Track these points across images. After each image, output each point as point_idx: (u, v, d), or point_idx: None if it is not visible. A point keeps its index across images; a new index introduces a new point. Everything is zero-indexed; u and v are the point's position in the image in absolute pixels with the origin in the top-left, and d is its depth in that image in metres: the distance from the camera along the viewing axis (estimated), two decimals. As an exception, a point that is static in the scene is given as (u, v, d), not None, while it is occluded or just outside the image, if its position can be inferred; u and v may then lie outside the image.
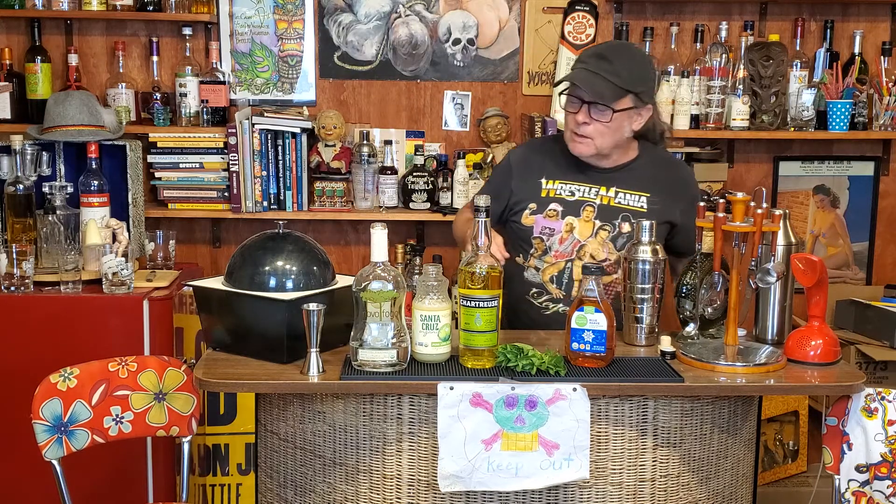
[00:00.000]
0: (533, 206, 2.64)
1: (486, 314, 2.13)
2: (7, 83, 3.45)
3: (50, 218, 3.04)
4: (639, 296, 2.34)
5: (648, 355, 2.30)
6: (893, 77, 3.56)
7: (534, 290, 2.62)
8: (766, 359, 2.24)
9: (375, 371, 2.11)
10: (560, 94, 2.63)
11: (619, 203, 2.62)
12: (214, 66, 3.56)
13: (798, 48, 3.65)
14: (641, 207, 2.62)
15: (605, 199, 2.62)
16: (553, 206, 2.62)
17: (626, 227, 2.59)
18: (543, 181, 2.65)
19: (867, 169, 3.83)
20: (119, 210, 3.19)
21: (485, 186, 2.82)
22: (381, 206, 3.55)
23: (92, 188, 3.08)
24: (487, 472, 2.06)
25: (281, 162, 3.49)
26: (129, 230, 3.15)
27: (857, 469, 2.30)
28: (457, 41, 3.66)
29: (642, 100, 2.55)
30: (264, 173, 3.49)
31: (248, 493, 3.26)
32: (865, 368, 3.37)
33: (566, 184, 2.64)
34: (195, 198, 3.53)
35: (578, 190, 2.63)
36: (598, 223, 2.61)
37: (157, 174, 3.51)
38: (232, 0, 3.60)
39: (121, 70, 3.54)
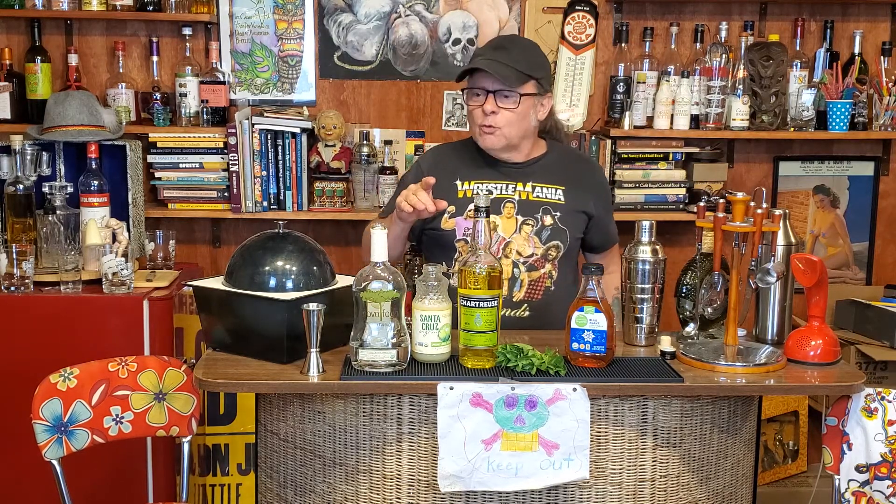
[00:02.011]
0: (451, 209, 2.62)
1: (486, 314, 2.14)
2: (7, 83, 3.45)
3: (50, 218, 3.04)
4: (639, 296, 2.34)
5: (648, 355, 2.30)
6: (893, 77, 3.56)
7: None
8: (766, 359, 2.24)
9: (375, 371, 2.11)
10: (462, 90, 2.63)
11: (538, 197, 2.63)
12: (214, 66, 3.56)
13: (798, 48, 3.65)
14: (559, 200, 2.64)
15: (524, 194, 2.63)
16: (472, 206, 2.62)
17: (548, 220, 2.62)
18: (459, 183, 2.64)
19: (867, 169, 3.83)
20: (119, 210, 3.19)
21: (393, 201, 2.68)
22: (380, 206, 3.55)
23: (92, 188, 3.08)
24: (487, 472, 2.06)
25: (281, 162, 3.49)
26: (129, 230, 3.15)
27: (857, 469, 2.30)
28: (457, 41, 3.66)
29: (543, 86, 2.61)
30: (264, 173, 3.49)
31: (248, 493, 3.26)
32: (865, 368, 3.37)
33: (482, 183, 2.64)
34: (195, 198, 3.53)
35: (496, 188, 2.63)
36: (520, 218, 2.61)
37: (157, 174, 3.51)
38: (232, 0, 3.60)
39: (121, 70, 3.54)
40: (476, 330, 2.14)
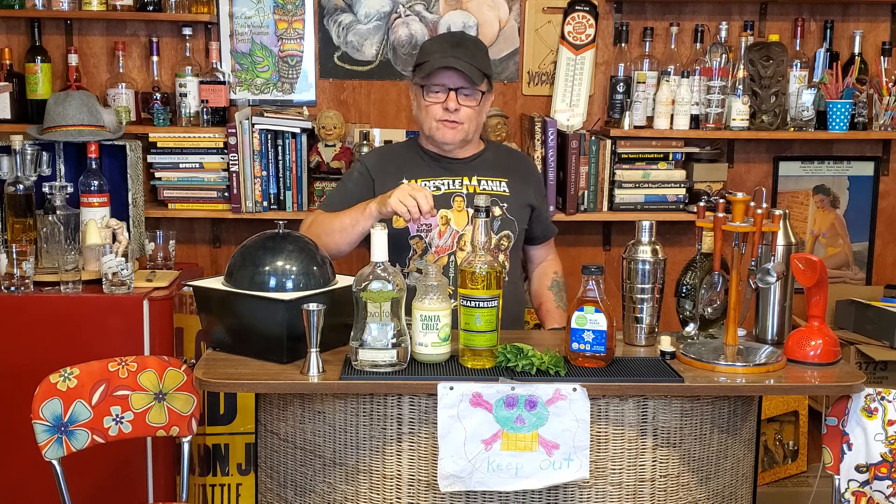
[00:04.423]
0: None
1: (486, 314, 2.14)
2: (7, 83, 3.44)
3: (50, 218, 3.04)
4: (639, 296, 2.34)
5: (648, 355, 2.30)
6: (893, 77, 3.56)
7: None
8: (766, 359, 2.24)
9: (375, 371, 2.11)
10: (421, 86, 2.63)
11: (485, 189, 2.69)
12: (214, 66, 3.56)
13: (798, 48, 3.65)
14: (504, 192, 2.71)
15: (471, 187, 2.69)
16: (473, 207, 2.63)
17: (497, 211, 2.66)
18: (406, 181, 2.64)
19: (867, 169, 3.83)
20: (119, 210, 3.19)
21: (338, 197, 2.73)
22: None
23: (92, 188, 3.08)
24: (487, 472, 2.06)
25: (281, 162, 3.49)
26: (129, 230, 3.15)
27: (857, 469, 2.30)
28: (457, 41, 3.65)
29: (491, 83, 2.68)
30: (264, 173, 3.49)
31: (248, 493, 3.26)
32: (865, 368, 3.37)
33: (429, 180, 2.68)
34: (195, 198, 3.53)
35: (443, 184, 2.68)
36: (470, 211, 2.63)
37: (157, 174, 3.51)
38: (232, 0, 3.60)
39: (121, 70, 3.54)
40: (476, 330, 2.14)
